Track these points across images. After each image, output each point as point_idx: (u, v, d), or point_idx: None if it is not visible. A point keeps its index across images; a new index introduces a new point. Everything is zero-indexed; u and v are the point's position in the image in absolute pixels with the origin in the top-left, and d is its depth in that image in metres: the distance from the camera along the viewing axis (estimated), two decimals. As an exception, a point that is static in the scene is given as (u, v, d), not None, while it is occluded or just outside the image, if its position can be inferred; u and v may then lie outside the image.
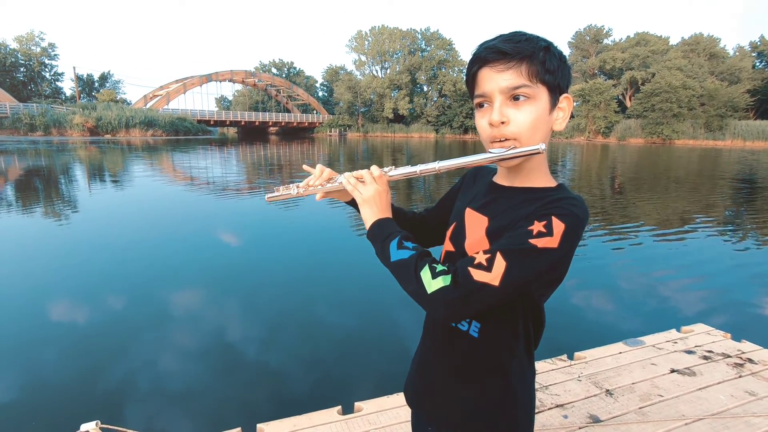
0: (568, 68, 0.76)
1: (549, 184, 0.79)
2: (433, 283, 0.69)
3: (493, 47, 0.72)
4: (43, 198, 9.69)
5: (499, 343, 0.81)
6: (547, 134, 0.76)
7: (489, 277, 0.67)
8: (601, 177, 15.40)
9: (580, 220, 0.70)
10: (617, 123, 47.00)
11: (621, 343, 2.70)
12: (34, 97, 51.25)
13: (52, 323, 3.55)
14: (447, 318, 0.72)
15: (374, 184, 0.85)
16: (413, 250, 0.76)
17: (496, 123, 0.74)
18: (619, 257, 5.65)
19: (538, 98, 0.73)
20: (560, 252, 0.68)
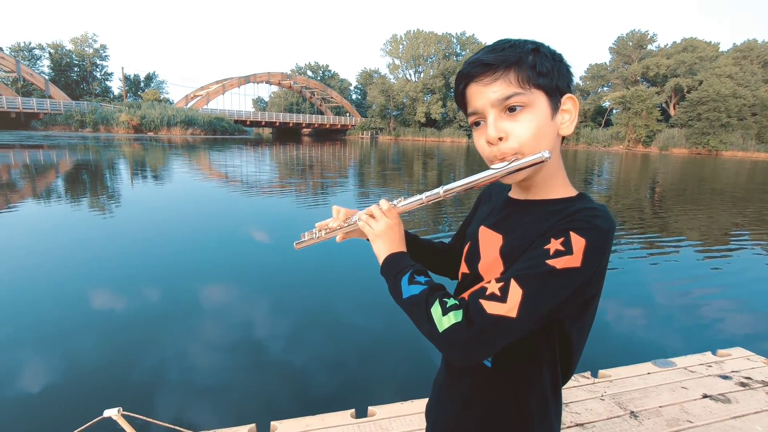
0: (566, 67, 0.70)
1: (567, 194, 0.72)
2: (443, 320, 0.63)
3: (476, 60, 0.68)
4: (89, 191, 10.25)
5: (517, 374, 0.72)
6: (553, 141, 0.69)
7: (504, 309, 0.60)
8: (640, 187, 14.80)
9: (604, 233, 0.62)
10: (659, 132, 45.09)
11: (650, 363, 2.58)
12: (86, 96, 54.37)
13: (90, 311, 3.74)
14: (464, 361, 0.63)
15: (384, 218, 0.80)
16: (425, 284, 0.69)
17: (493, 140, 0.68)
18: (654, 271, 5.40)
19: (535, 104, 0.66)
20: (585, 271, 0.60)
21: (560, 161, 0.73)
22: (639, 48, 57.60)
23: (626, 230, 7.65)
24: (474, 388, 0.76)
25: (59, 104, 40.11)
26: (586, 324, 0.71)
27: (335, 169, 18.25)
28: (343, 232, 0.89)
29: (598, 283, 0.66)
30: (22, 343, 3.18)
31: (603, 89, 60.41)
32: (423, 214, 8.24)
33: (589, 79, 61.94)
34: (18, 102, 37.86)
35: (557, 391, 0.75)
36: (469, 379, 0.77)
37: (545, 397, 0.73)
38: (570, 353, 0.72)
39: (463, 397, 0.78)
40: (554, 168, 0.72)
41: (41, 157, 17.83)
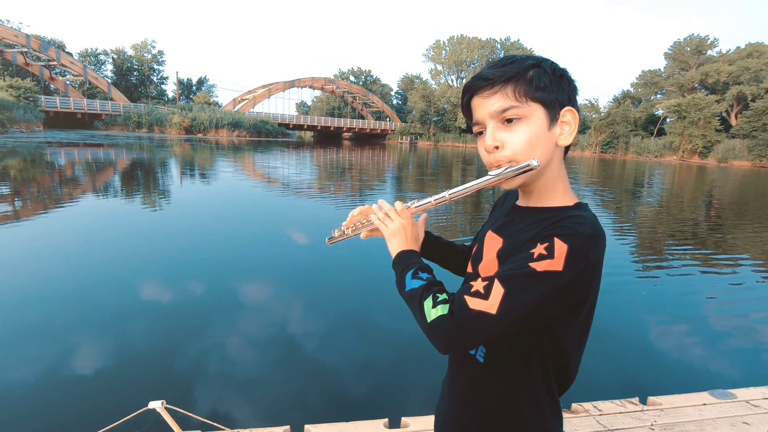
0: (567, 82, 0.74)
1: (565, 203, 0.76)
2: (432, 312, 0.68)
3: (479, 75, 0.74)
4: (142, 187, 10.86)
5: (507, 372, 0.76)
6: (548, 151, 0.73)
7: (485, 305, 0.64)
8: (696, 201, 13.91)
9: (588, 239, 0.65)
10: (718, 143, 42.23)
11: (707, 393, 2.39)
12: (143, 98, 57.80)
13: (140, 300, 3.94)
14: (445, 349, 0.68)
15: (398, 218, 0.86)
16: (425, 280, 0.76)
17: (489, 148, 0.75)
18: (713, 293, 5.03)
19: (530, 117, 0.71)
20: (567, 275, 0.63)
21: (561, 171, 0.78)
22: (698, 53, 54.32)
23: (679, 245, 7.20)
24: (470, 386, 0.82)
25: (119, 106, 42.89)
26: (578, 330, 0.74)
27: (373, 172, 18.38)
28: (366, 230, 0.95)
29: (584, 290, 0.68)
30: (79, 329, 3.39)
31: (656, 97, 57.37)
32: (459, 217, 8.12)
33: (641, 86, 59.04)
34: (84, 104, 40.84)
35: (553, 395, 0.77)
36: (466, 377, 0.82)
37: (538, 398, 0.76)
38: (564, 359, 0.75)
39: (462, 395, 0.84)
40: (554, 177, 0.76)
41: (101, 155, 19.11)
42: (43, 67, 42.02)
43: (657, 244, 7.43)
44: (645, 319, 4.13)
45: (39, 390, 2.61)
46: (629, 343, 3.63)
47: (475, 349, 0.80)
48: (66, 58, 42.72)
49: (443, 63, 63.94)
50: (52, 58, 41.11)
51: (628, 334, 3.81)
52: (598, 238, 0.67)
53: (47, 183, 10.72)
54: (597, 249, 0.67)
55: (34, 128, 32.85)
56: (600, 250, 0.68)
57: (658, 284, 5.23)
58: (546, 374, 0.75)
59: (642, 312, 4.30)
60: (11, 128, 29.76)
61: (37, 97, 35.99)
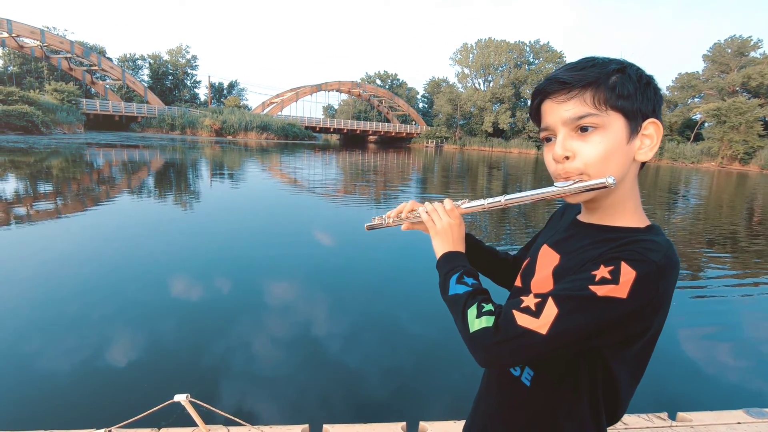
0: (653, 90, 0.67)
1: (635, 224, 0.69)
2: (476, 322, 0.65)
3: (554, 77, 0.68)
4: (174, 187, 11.24)
5: (554, 399, 0.71)
6: (623, 166, 0.67)
7: (535, 324, 0.60)
8: (736, 210, 13.27)
9: (660, 269, 0.59)
10: (761, 149, 40.18)
11: (741, 411, 2.27)
12: (176, 102, 59.82)
13: (170, 297, 4.08)
14: (484, 363, 0.65)
15: (446, 217, 0.83)
16: (471, 286, 0.72)
17: (559, 158, 0.68)
18: (753, 308, 4.78)
19: (609, 127, 0.65)
20: (630, 305, 0.58)
21: (635, 188, 0.71)
22: (739, 55, 51.90)
23: (717, 257, 6.88)
24: (512, 410, 0.76)
25: (154, 109, 44.60)
26: (634, 362, 0.68)
27: (399, 175, 18.40)
28: (409, 222, 0.92)
29: (648, 321, 0.62)
30: (113, 323, 3.53)
31: (693, 100, 55.15)
32: (493, 223, 8.02)
33: (678, 89, 56.84)
34: (121, 107, 42.69)
35: (600, 426, 0.71)
36: (508, 399, 0.77)
37: (584, 427, 0.70)
38: (615, 390, 0.69)
39: (503, 418, 0.78)
40: (625, 194, 0.69)
41: (137, 156, 19.90)
42: (85, 71, 44.20)
43: (693, 253, 7.13)
44: (678, 331, 3.97)
45: (71, 380, 2.73)
46: (660, 356, 3.49)
47: (521, 371, 0.75)
48: (106, 63, 44.77)
49: (470, 66, 63.42)
50: (93, 63, 43.19)
51: (660, 346, 3.66)
52: (671, 268, 0.61)
53: (87, 182, 11.24)
54: (668, 280, 0.61)
55: (76, 130, 34.53)
56: (671, 282, 0.62)
57: (694, 295, 5.02)
58: (595, 406, 0.70)
59: (675, 323, 4.14)
60: (55, 129, 31.41)
61: (79, 100, 37.82)
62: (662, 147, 46.25)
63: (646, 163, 0.71)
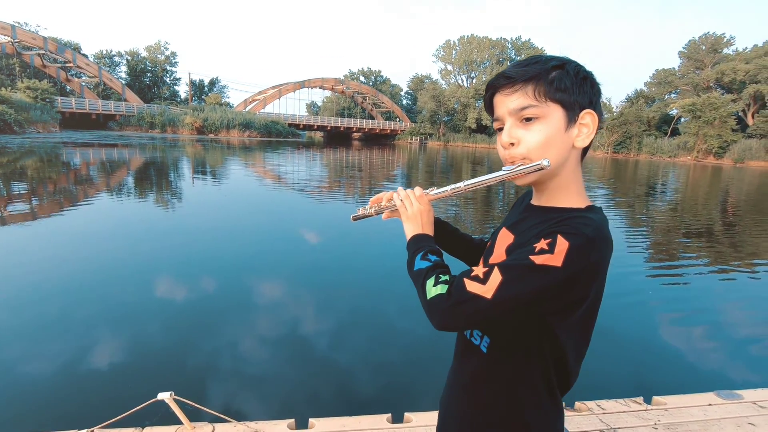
0: (590, 84, 0.75)
1: (577, 205, 0.77)
2: (432, 290, 0.72)
3: (501, 74, 0.77)
4: (155, 187, 11.04)
5: (509, 364, 0.79)
6: (562, 151, 0.75)
7: (482, 290, 0.67)
8: (711, 202, 13.68)
9: (590, 241, 0.66)
10: (734, 143, 41.41)
11: (713, 393, 2.38)
12: (156, 99, 58.57)
13: (153, 298, 4.02)
14: (439, 325, 0.72)
15: (417, 203, 0.90)
16: (432, 262, 0.79)
17: (505, 145, 0.77)
18: (725, 295, 4.96)
19: (548, 117, 0.73)
20: (564, 272, 0.65)
21: (577, 172, 0.79)
22: (713, 52, 53.30)
23: (693, 247, 7.10)
24: (473, 376, 0.85)
25: (133, 107, 43.58)
26: (576, 331, 0.75)
27: (384, 172, 18.41)
28: (389, 211, 0.99)
29: (584, 289, 0.69)
30: (96, 324, 3.47)
31: (670, 96, 56.44)
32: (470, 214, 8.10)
33: (655, 85, 58.15)
34: (99, 105, 41.55)
35: (553, 392, 0.79)
36: (469, 367, 0.86)
37: (538, 393, 0.78)
38: (563, 359, 0.76)
39: (464, 383, 0.87)
40: (567, 178, 0.78)
41: (116, 155, 19.45)
42: (59, 68, 42.90)
43: (668, 243, 7.35)
44: (652, 319, 4.10)
45: (53, 382, 2.69)
46: (635, 342, 3.61)
47: (480, 339, 0.82)
48: (82, 59, 43.53)
49: (453, 63, 63.68)
50: (68, 60, 41.94)
51: (635, 333, 3.79)
52: (601, 242, 0.68)
53: (64, 182, 10.96)
54: (599, 252, 0.68)
55: (51, 129, 33.53)
56: (602, 254, 0.68)
57: (668, 283, 5.19)
58: (546, 371, 0.77)
59: (649, 311, 4.27)
60: (29, 129, 30.44)
61: (53, 98, 36.70)
62: (641, 142, 47.28)
63: (588, 150, 0.79)
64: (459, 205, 9.93)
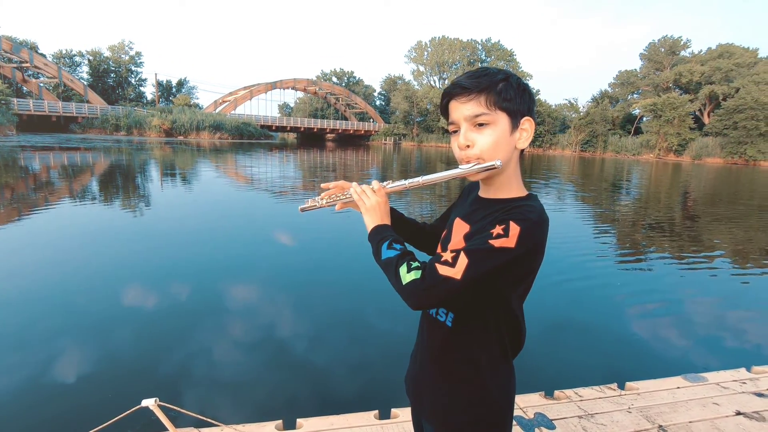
0: (528, 95, 0.88)
1: (519, 194, 0.91)
2: (407, 276, 0.82)
3: (457, 83, 0.87)
4: (122, 192, 10.66)
5: (470, 334, 0.91)
6: (508, 153, 0.88)
7: (452, 272, 0.78)
8: (672, 198, 14.34)
9: (534, 224, 0.80)
10: (692, 141, 43.53)
11: (680, 377, 2.51)
12: (121, 101, 56.54)
13: (124, 305, 3.90)
14: (416, 306, 0.83)
15: (374, 196, 0.98)
16: (399, 250, 0.88)
17: (462, 146, 0.89)
18: (687, 285, 5.23)
19: (497, 123, 0.85)
20: (517, 251, 0.78)
21: (517, 169, 0.93)
22: (671, 54, 55.90)
23: (656, 242, 7.44)
24: (440, 348, 0.96)
25: (96, 109, 41.92)
26: (523, 296, 0.91)
27: (358, 173, 18.40)
28: (342, 203, 1.05)
29: (529, 263, 0.84)
30: (64, 334, 3.34)
31: (633, 96, 58.77)
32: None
33: (618, 86, 60.41)
34: (59, 106, 39.76)
35: (507, 355, 0.93)
36: (436, 342, 0.96)
37: (495, 357, 0.91)
38: (515, 321, 0.91)
39: (432, 358, 0.98)
40: (510, 174, 0.91)
41: (78, 158, 18.66)
42: (15, 68, 40.78)
43: (635, 236, 7.67)
44: (622, 310, 4.28)
45: (27, 394, 2.57)
46: (608, 333, 3.77)
47: (445, 316, 0.94)
48: (39, 59, 41.55)
49: (425, 64, 64.31)
50: (24, 60, 39.94)
51: (607, 324, 3.95)
52: (543, 224, 0.83)
53: (22, 188, 10.44)
54: (542, 232, 0.83)
55: (7, 132, 31.88)
56: (544, 233, 0.84)
57: (637, 274, 5.42)
58: (501, 336, 0.91)
59: (619, 303, 4.46)
60: (-18, 132, 28.81)
61: (9, 99, 34.91)
62: (606, 140, 48.96)
63: (524, 151, 0.92)
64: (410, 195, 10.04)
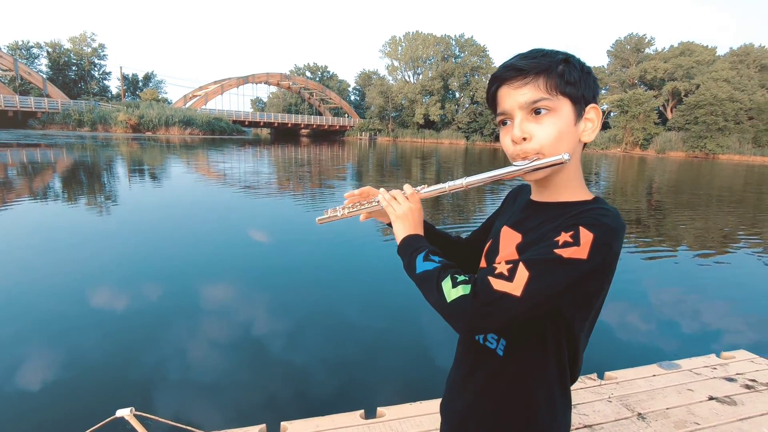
0: (593, 79, 0.75)
1: (583, 198, 0.76)
2: (452, 292, 0.68)
3: (510, 65, 0.73)
4: (87, 190, 10.21)
5: (526, 365, 0.76)
6: (573, 145, 0.74)
7: (510, 287, 0.65)
8: (638, 190, 14.86)
9: (612, 231, 0.66)
10: (657, 135, 45.26)
11: (655, 365, 2.59)
12: (83, 95, 54.10)
13: (93, 309, 3.73)
14: (466, 329, 0.69)
15: (407, 202, 0.86)
16: (439, 262, 0.75)
17: (517, 139, 0.74)
18: (655, 275, 5.43)
19: (559, 110, 0.71)
20: (590, 264, 0.64)
21: (579, 166, 0.78)
22: (637, 51, 57.81)
23: (627, 233, 7.68)
24: (489, 379, 0.80)
25: (57, 103, 39.96)
26: (589, 320, 0.75)
27: (334, 169, 18.25)
28: (367, 212, 0.92)
29: (602, 280, 0.69)
30: (27, 341, 3.16)
31: (601, 92, 60.30)
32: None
33: (587, 82, 61.97)
34: (16, 101, 37.68)
35: (565, 387, 0.78)
36: (484, 371, 0.81)
37: (551, 390, 0.76)
38: (575, 348, 0.76)
39: (479, 389, 0.82)
40: (572, 172, 0.76)
41: (38, 156, 17.75)
42: (-35, 60, 38.44)
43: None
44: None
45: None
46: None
47: (496, 343, 0.79)
48: (-8, 51, 39.24)
49: (400, 59, 64.16)
50: (-25, 52, 37.65)
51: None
52: (621, 230, 0.68)
53: (-22, 187, 9.84)
54: (619, 241, 0.68)
55: (-42, 128, 30.00)
56: (621, 243, 0.68)
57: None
58: (561, 364, 0.76)
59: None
60: (-70, 128, 27.02)
61: (-40, 93, 32.86)
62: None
63: (586, 145, 0.79)
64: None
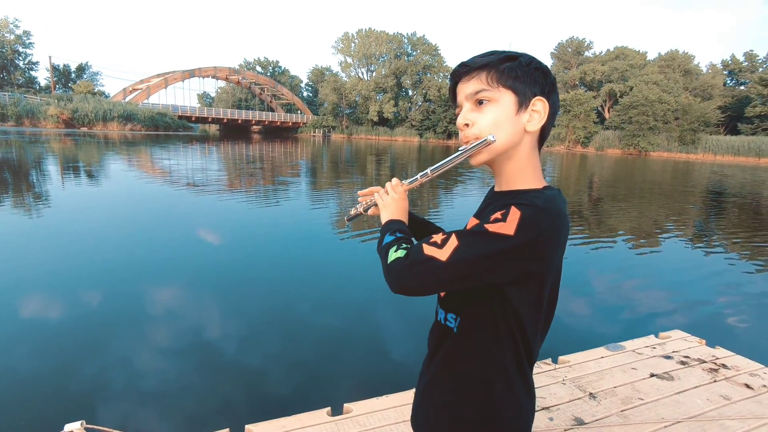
0: (542, 75, 0.80)
1: (534, 186, 0.80)
2: (393, 255, 0.77)
3: (461, 63, 0.83)
4: (13, 191, 9.33)
5: (479, 343, 0.80)
6: (513, 134, 0.79)
7: (438, 253, 0.71)
8: (580, 186, 15.78)
9: (541, 210, 0.70)
10: (596, 134, 48.21)
11: (603, 348, 2.77)
12: (6, 86, 49.37)
13: (24, 319, 3.42)
14: (396, 286, 0.75)
15: (392, 193, 0.95)
16: (398, 237, 0.83)
17: (461, 126, 0.83)
18: (597, 265, 5.79)
19: (500, 101, 0.78)
20: (516, 239, 0.67)
21: (532, 157, 0.82)
22: (577, 54, 61.28)
23: (572, 227, 8.14)
24: (447, 356, 0.86)
25: (-26, 95, 36.21)
26: (537, 304, 0.78)
27: (287, 167, 17.88)
28: (373, 207, 1.03)
29: (536, 261, 0.72)
30: (-54, 360, 2.84)
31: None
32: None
33: (533, 82, 64.80)
34: None
35: (524, 371, 0.81)
36: (444, 349, 0.86)
37: (506, 370, 0.79)
38: (525, 332, 0.78)
39: (441, 366, 0.87)
40: (524, 162, 0.81)
41: (-46, 153, 15.99)
42: None
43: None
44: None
45: None
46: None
47: (454, 322, 0.84)
48: None
49: (353, 56, 63.86)
50: None
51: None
52: (552, 212, 0.72)
53: None
54: (551, 222, 0.71)
55: None
56: (555, 225, 0.71)
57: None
58: (514, 344, 0.78)
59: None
60: None
61: None
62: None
63: (546, 138, 0.84)
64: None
